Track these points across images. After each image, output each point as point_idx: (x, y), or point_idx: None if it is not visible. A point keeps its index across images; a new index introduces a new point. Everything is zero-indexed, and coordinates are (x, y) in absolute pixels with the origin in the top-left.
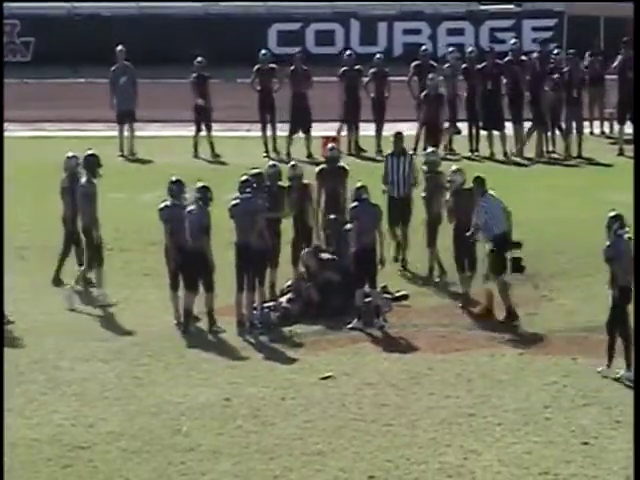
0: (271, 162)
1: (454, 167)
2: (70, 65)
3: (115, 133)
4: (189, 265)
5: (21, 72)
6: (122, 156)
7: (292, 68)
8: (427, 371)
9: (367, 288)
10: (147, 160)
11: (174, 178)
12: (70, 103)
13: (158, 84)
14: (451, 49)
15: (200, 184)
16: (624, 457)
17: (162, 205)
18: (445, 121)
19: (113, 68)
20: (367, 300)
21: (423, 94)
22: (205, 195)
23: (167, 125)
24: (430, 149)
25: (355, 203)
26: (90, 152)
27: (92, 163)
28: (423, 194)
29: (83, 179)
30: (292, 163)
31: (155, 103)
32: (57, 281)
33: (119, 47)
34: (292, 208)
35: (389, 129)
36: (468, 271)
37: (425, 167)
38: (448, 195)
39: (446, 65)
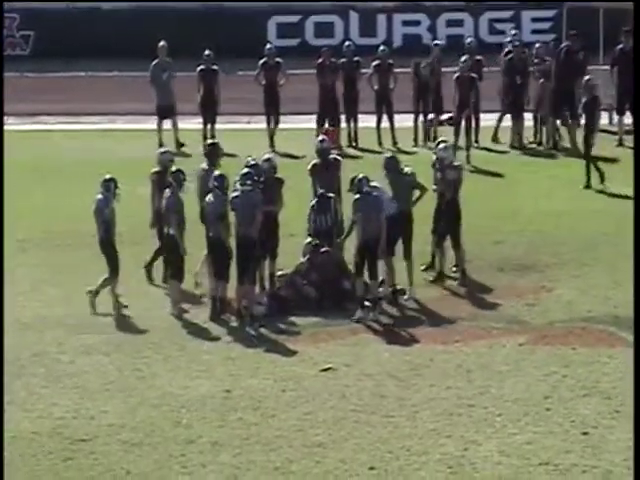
0: (266, 155)
1: (442, 144)
2: (66, 59)
3: (114, 126)
4: (211, 254)
5: (20, 65)
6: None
7: (319, 61)
8: (427, 362)
9: (366, 279)
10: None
11: (174, 168)
12: (70, 97)
13: None
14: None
15: (217, 172)
16: (624, 447)
17: (169, 194)
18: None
19: (154, 63)
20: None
21: (455, 76)
22: (222, 183)
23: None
24: (443, 145)
25: (357, 196)
26: (211, 141)
27: (213, 152)
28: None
29: (203, 165)
30: (267, 157)
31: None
32: (149, 276)
33: (161, 43)
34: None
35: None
36: (454, 248)
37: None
38: (436, 172)
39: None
